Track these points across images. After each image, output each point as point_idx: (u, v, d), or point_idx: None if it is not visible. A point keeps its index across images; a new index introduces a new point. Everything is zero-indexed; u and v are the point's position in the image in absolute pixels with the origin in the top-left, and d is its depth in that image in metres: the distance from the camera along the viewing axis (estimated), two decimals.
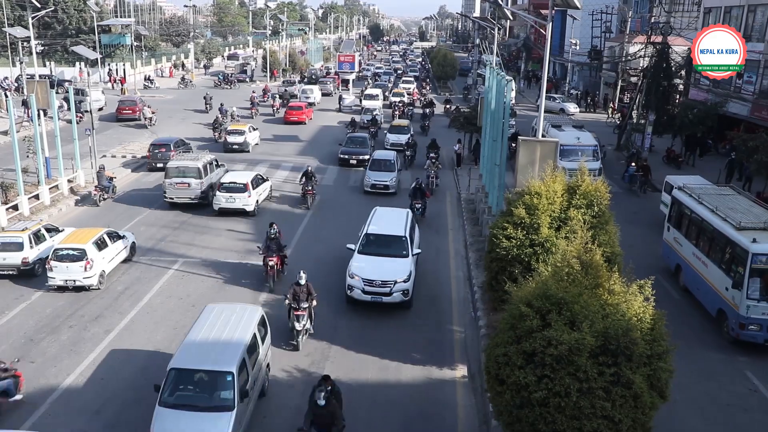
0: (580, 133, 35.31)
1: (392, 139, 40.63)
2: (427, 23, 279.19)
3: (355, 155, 36.87)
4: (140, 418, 13.99)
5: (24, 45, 51.41)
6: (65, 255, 20.03)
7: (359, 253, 20.13)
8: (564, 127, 36.56)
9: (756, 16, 38.07)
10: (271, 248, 20.58)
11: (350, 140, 38.61)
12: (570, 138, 34.06)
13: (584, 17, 68.60)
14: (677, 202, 22.09)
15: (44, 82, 33.38)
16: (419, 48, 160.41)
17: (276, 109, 53.95)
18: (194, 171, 28.23)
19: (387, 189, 31.09)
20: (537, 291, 11.28)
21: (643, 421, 10.62)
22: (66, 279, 19.90)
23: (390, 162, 32.50)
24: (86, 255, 19.98)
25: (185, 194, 28.16)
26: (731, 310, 17.62)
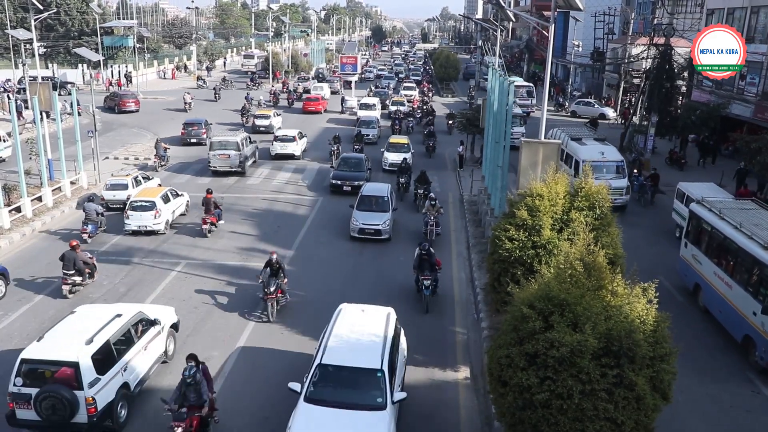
0: (603, 147, 31.30)
1: (391, 159, 35.91)
2: (429, 25, 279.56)
3: (349, 181, 31.47)
4: (141, 418, 14.03)
5: (27, 47, 51.48)
6: (139, 206, 24.78)
7: (307, 402, 12.65)
8: (585, 140, 32.36)
9: (759, 17, 38.05)
10: None
11: (344, 162, 33.41)
12: (593, 153, 30.17)
13: (587, 19, 68.67)
14: (696, 216, 20.50)
15: (47, 84, 33.46)
16: (422, 49, 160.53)
17: (290, 102, 61.34)
18: (234, 144, 34.54)
19: (378, 234, 25.11)
20: (539, 292, 11.27)
21: (646, 422, 10.60)
22: (139, 225, 24.72)
23: (382, 200, 26.20)
24: (155, 206, 24.82)
25: (226, 163, 34.32)
26: (761, 337, 16.18)
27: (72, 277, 19.79)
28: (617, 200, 27.33)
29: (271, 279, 18.52)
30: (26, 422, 12.94)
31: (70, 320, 14.44)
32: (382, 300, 18.28)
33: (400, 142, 38.49)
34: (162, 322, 15.95)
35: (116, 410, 13.44)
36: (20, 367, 12.83)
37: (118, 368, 13.69)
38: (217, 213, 25.92)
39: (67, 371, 12.69)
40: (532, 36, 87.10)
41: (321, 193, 31.95)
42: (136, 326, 14.88)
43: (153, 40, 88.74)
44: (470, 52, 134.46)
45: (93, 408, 12.74)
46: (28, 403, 12.64)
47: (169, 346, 16.21)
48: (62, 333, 13.76)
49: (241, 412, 14.34)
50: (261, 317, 18.76)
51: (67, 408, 12.52)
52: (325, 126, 51.14)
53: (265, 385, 15.36)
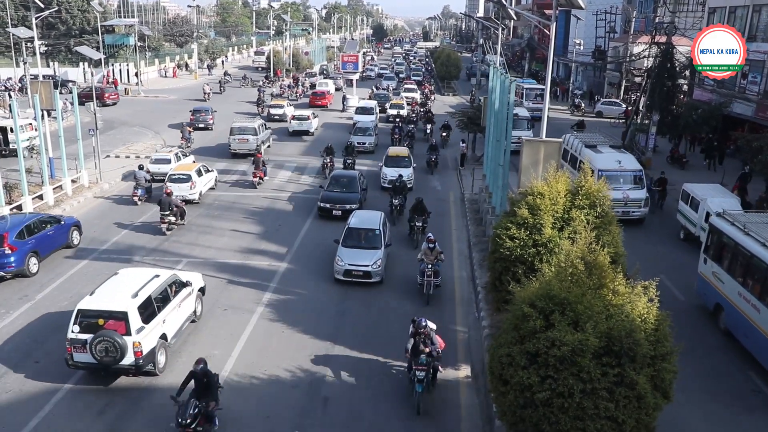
0: (620, 155, 29.23)
1: (390, 175, 31.26)
2: (430, 23, 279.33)
3: (340, 204, 27.48)
4: (143, 418, 14.05)
5: (28, 45, 51.46)
6: (177, 178, 28.85)
7: None
8: (600, 147, 30.18)
9: (761, 16, 38.01)
10: None
11: (334, 181, 29.02)
12: (609, 162, 28.15)
13: (588, 17, 68.64)
14: (716, 231, 18.90)
15: (48, 82, 33.46)
16: (423, 48, 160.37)
17: (299, 96, 65.76)
18: (251, 130, 38.64)
19: (368, 277, 20.88)
20: (540, 291, 11.27)
21: (647, 421, 10.60)
22: (177, 195, 27.33)
23: (373, 234, 21.97)
24: (191, 178, 28.99)
25: (245, 146, 38.12)
26: None
27: (168, 218, 25.17)
28: (635, 212, 26.94)
29: (189, 403, 12.88)
30: (82, 364, 14.93)
31: (115, 279, 16.47)
32: None
33: (400, 154, 33.97)
34: (192, 284, 18.00)
35: (157, 356, 15.35)
36: (77, 317, 14.86)
37: (158, 320, 15.64)
38: (264, 169, 33.15)
39: (117, 320, 14.73)
40: (534, 35, 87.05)
41: None
42: (171, 286, 16.80)
43: (154, 39, 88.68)
44: (471, 50, 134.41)
45: (139, 352, 14.74)
46: (84, 347, 14.60)
47: (197, 307, 18.22)
48: (110, 289, 15.83)
49: (243, 411, 14.36)
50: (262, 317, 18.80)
51: (118, 351, 14.49)
52: (325, 122, 51.06)
53: (267, 384, 15.38)
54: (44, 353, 16.51)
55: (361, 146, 39.56)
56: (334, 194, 28.12)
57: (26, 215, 23.37)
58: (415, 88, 67.29)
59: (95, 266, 21.95)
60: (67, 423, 13.85)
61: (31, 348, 16.78)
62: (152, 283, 16.12)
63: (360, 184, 28.84)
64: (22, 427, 13.63)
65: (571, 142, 31.54)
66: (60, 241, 22.97)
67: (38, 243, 21.49)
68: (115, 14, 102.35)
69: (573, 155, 30.59)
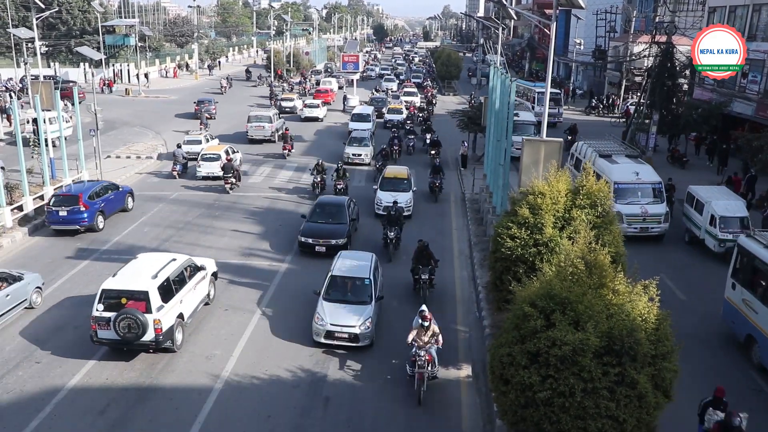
0: (638, 166, 27.00)
1: (385, 200, 26.97)
2: (431, 23, 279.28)
3: (324, 239, 23.17)
4: (144, 418, 14.06)
5: (28, 46, 51.49)
6: (208, 157, 33.53)
7: None
8: (616, 157, 28.04)
9: (761, 15, 38.02)
10: None
11: (319, 209, 24.86)
12: (626, 173, 26.24)
13: (588, 17, 68.65)
14: (746, 253, 17.19)
15: (48, 82, 33.45)
16: (423, 48, 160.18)
17: (307, 91, 67.86)
18: (267, 118, 43.13)
19: (355, 341, 16.88)
20: (541, 291, 11.28)
21: (648, 421, 10.61)
22: (208, 172, 32.96)
23: (362, 284, 17.93)
24: (221, 158, 33.19)
25: (261, 133, 42.30)
26: None
27: (230, 179, 31.11)
28: (654, 229, 25.26)
29: None
30: (106, 340, 15.97)
31: (135, 263, 17.62)
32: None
33: (399, 176, 29.08)
34: (207, 269, 19.12)
35: (175, 333, 16.45)
36: (101, 296, 15.92)
37: (176, 300, 16.73)
38: (291, 143, 39.09)
39: (138, 299, 15.79)
40: (534, 34, 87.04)
41: None
42: (187, 269, 17.92)
43: (154, 39, 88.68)
44: (472, 50, 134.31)
45: (159, 329, 15.77)
46: (108, 324, 15.63)
47: (211, 290, 19.38)
48: (131, 271, 16.96)
49: (244, 410, 14.37)
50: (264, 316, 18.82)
51: (139, 327, 15.48)
52: (326, 124, 51.05)
53: (268, 384, 15.39)
54: (44, 353, 16.53)
55: (357, 158, 36.93)
56: (317, 226, 23.81)
57: (94, 182, 28.11)
58: (414, 92, 64.28)
59: (96, 266, 21.95)
60: (67, 423, 13.86)
61: (31, 348, 16.78)
62: (170, 266, 17.23)
63: (349, 213, 24.70)
64: (23, 427, 13.64)
65: (584, 150, 29.78)
66: (119, 205, 27.57)
67: (104, 204, 26.17)
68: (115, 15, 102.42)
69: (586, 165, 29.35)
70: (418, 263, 20.00)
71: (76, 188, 26.57)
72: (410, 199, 27.87)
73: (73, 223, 24.84)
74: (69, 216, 24.77)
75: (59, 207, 24.83)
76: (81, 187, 26.44)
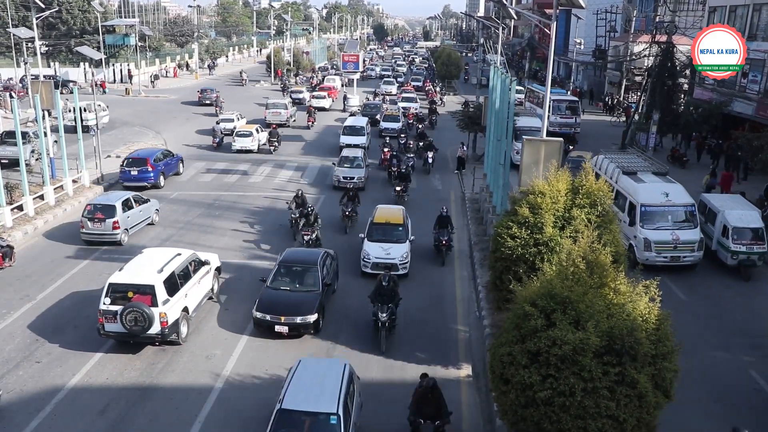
0: (667, 185, 23.82)
1: (375, 256, 21.28)
2: (431, 23, 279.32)
3: (288, 315, 17.41)
4: (145, 418, 14.07)
5: (28, 45, 51.47)
6: (242, 134, 39.76)
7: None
8: (642, 174, 24.70)
9: (761, 15, 38.00)
10: None
11: (284, 269, 19.05)
12: (654, 194, 23.15)
13: (589, 17, 68.61)
14: None
15: (48, 82, 33.43)
16: (423, 48, 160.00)
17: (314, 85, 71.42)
18: (282, 105, 48.91)
19: None
20: (541, 290, 11.27)
21: (648, 420, 10.61)
22: (242, 146, 39.18)
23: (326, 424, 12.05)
24: (253, 134, 39.77)
25: (278, 118, 47.39)
26: None
27: (274, 143, 39.96)
28: (686, 258, 22.17)
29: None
30: (113, 333, 16.21)
31: (141, 257, 18.05)
32: None
33: (391, 221, 22.84)
34: (210, 263, 19.53)
35: (180, 327, 16.76)
36: (108, 289, 16.24)
37: (181, 294, 17.08)
38: (314, 116, 48.53)
39: (145, 293, 16.10)
40: (534, 34, 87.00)
41: (322, 191, 31.94)
42: (192, 264, 18.29)
43: (155, 39, 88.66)
44: (472, 50, 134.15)
45: (165, 322, 16.06)
46: (115, 317, 15.89)
47: (214, 285, 19.72)
48: (137, 265, 17.34)
49: (244, 410, 14.36)
50: None
51: (146, 320, 15.75)
52: (326, 125, 51.03)
53: (268, 384, 15.38)
54: (45, 352, 16.54)
55: (348, 182, 31.02)
56: (280, 295, 17.96)
57: (156, 149, 34.56)
58: (413, 97, 59.02)
59: (96, 266, 21.94)
60: (68, 422, 13.87)
61: (31, 348, 16.79)
62: (175, 261, 17.63)
63: (322, 276, 18.56)
64: (23, 427, 13.65)
65: (605, 166, 26.34)
66: (174, 169, 33.40)
67: (164, 167, 32.07)
68: (115, 14, 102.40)
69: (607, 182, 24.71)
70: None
71: (143, 153, 32.53)
72: (406, 254, 21.49)
73: (142, 180, 30.51)
74: (139, 175, 30.64)
75: (131, 167, 30.71)
76: (147, 152, 32.64)
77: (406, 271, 21.40)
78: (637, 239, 22.24)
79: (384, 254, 21.37)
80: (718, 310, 19.96)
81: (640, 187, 23.57)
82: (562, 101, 46.04)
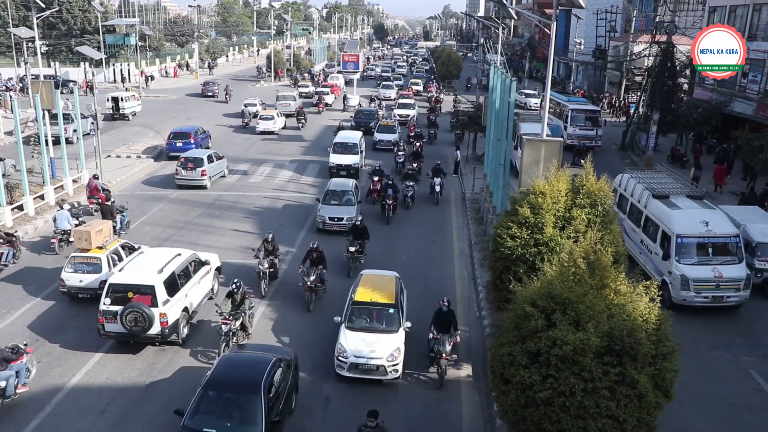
0: (706, 212, 20.30)
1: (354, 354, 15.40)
2: (431, 23, 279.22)
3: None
4: (145, 418, 14.07)
5: (29, 45, 51.47)
6: (265, 117, 46.45)
7: None
8: (675, 199, 21.20)
9: (761, 15, 37.97)
10: None
11: (214, 390, 12.89)
12: (691, 223, 19.72)
13: (589, 17, 68.65)
14: None
15: (49, 82, 33.42)
16: (423, 48, 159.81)
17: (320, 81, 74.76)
18: (292, 97, 54.63)
19: None
20: (542, 291, 11.27)
21: (648, 420, 10.61)
22: (264, 128, 45.63)
23: None
24: (274, 118, 46.37)
25: (287, 109, 51.54)
26: None
27: (302, 120, 48.51)
28: (730, 298, 19.11)
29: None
30: (113, 333, 16.23)
31: (140, 257, 18.14)
32: None
33: (379, 300, 16.71)
34: (210, 263, 19.60)
35: (180, 326, 16.76)
36: (108, 290, 16.22)
37: (181, 294, 17.07)
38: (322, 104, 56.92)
39: (145, 293, 16.08)
40: (534, 34, 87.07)
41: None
42: (192, 264, 18.31)
43: (155, 39, 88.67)
44: (472, 49, 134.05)
45: (165, 322, 16.06)
46: (115, 317, 15.90)
47: (214, 285, 19.78)
48: (137, 265, 17.36)
49: None
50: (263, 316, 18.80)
51: (146, 321, 15.76)
52: (325, 124, 51.00)
53: None
54: (45, 352, 16.53)
55: (336, 224, 25.25)
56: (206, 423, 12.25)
57: (193, 125, 40.79)
58: (411, 103, 54.40)
59: None
60: (68, 422, 13.87)
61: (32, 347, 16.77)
62: (175, 261, 17.64)
63: (266, 409, 12.39)
64: (23, 426, 13.65)
65: (631, 186, 23.05)
66: (208, 142, 39.87)
67: (201, 140, 38.65)
68: (116, 14, 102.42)
69: (635, 206, 22.54)
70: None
71: (186, 128, 39.14)
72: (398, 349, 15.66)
73: (185, 150, 34.59)
74: (183, 146, 36.27)
75: (177, 140, 37.34)
76: (189, 128, 39.37)
77: (397, 375, 15.45)
78: (673, 276, 19.04)
79: (367, 351, 15.28)
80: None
81: (674, 215, 20.14)
82: (581, 111, 41.69)
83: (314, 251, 19.78)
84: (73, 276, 18.86)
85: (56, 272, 21.24)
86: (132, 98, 51.83)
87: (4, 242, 21.75)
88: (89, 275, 18.82)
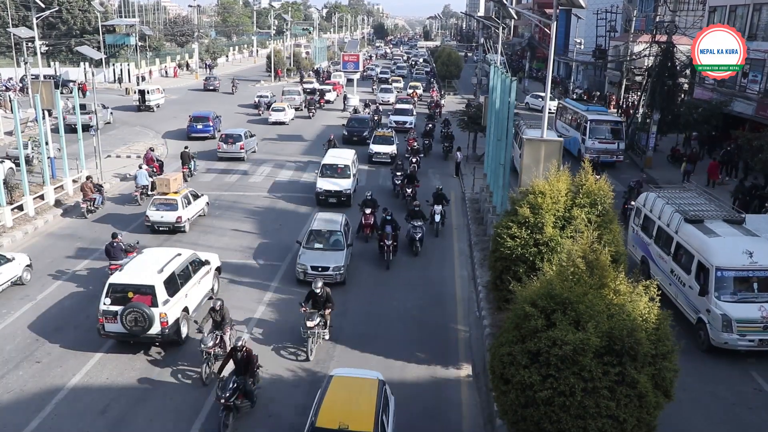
0: (748, 240, 17.63)
1: None
2: (431, 22, 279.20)
3: None
4: (145, 418, 14.06)
5: (29, 45, 51.51)
6: (277, 109, 50.24)
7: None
8: (711, 223, 18.53)
9: (761, 14, 37.95)
10: None
11: None
12: (733, 253, 17.09)
13: (589, 16, 68.58)
14: None
15: (48, 82, 33.43)
16: (424, 47, 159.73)
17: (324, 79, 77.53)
18: (296, 92, 58.77)
19: None
20: (542, 290, 11.26)
21: (648, 420, 10.61)
22: (276, 119, 49.61)
23: None
24: (285, 110, 50.36)
25: (292, 103, 54.55)
26: None
27: (313, 110, 53.76)
28: None
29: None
30: (113, 333, 16.20)
31: (141, 258, 18.02)
32: None
33: (354, 427, 11.16)
34: (210, 263, 19.55)
35: (180, 326, 16.80)
36: (108, 290, 16.19)
37: (181, 294, 17.11)
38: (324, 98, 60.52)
39: (145, 293, 16.06)
40: (534, 34, 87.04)
41: None
42: (192, 264, 18.27)
43: (155, 39, 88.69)
44: (472, 49, 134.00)
45: (165, 322, 16.05)
46: (115, 317, 15.88)
47: (214, 284, 19.82)
48: (138, 265, 17.30)
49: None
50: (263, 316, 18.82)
51: (146, 321, 15.74)
52: (325, 124, 51.02)
53: (268, 384, 15.36)
54: (45, 352, 16.54)
55: (323, 273, 20.07)
56: None
57: (209, 111, 45.64)
58: (409, 109, 50.55)
59: (97, 265, 21.93)
60: (68, 422, 13.86)
61: (32, 347, 16.79)
62: (175, 261, 17.61)
63: None
64: (23, 427, 13.64)
65: (658, 208, 20.37)
66: (219, 126, 43.92)
67: (216, 123, 43.83)
68: (115, 14, 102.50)
69: (663, 230, 19.87)
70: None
71: (204, 113, 44.32)
72: None
73: (204, 132, 42.22)
74: (202, 128, 42.47)
75: (197, 123, 42.68)
76: (207, 113, 44.46)
77: None
78: (712, 315, 16.54)
79: None
80: None
81: (712, 243, 17.43)
82: (602, 122, 37.51)
83: (238, 351, 13.94)
84: (155, 213, 24.72)
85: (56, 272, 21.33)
86: (156, 91, 56.27)
87: (96, 191, 27.35)
88: (168, 212, 24.66)
